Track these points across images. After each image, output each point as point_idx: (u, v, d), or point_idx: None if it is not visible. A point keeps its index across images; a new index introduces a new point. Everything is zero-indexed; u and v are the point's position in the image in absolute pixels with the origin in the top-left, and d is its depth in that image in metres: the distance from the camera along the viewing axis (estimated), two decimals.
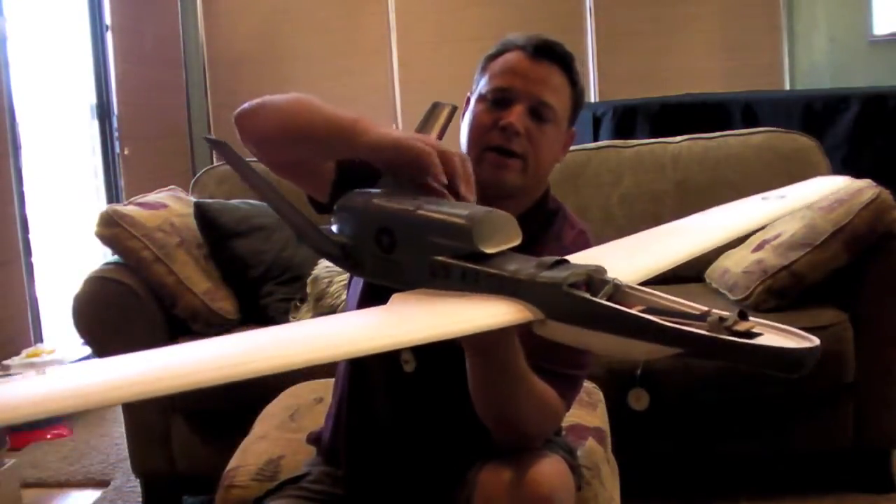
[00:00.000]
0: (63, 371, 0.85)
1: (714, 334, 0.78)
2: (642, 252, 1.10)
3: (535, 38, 1.31)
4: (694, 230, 1.21)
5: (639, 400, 0.87)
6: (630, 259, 1.03)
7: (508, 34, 1.35)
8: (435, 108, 1.29)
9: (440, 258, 0.98)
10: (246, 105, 1.20)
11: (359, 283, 1.36)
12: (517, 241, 0.99)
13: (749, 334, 0.78)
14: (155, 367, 0.78)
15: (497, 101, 1.29)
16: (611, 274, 0.91)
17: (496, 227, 0.98)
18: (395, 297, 0.98)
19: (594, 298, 0.86)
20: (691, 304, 0.85)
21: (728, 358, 0.79)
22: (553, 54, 1.31)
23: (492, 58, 1.34)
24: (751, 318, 0.79)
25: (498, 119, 1.27)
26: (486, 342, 1.05)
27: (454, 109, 1.31)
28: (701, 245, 1.14)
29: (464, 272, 0.96)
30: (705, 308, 0.83)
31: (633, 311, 0.83)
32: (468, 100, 1.35)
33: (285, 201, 1.16)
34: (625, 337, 0.84)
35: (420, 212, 1.02)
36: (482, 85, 1.32)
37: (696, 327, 0.80)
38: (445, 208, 1.01)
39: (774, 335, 0.78)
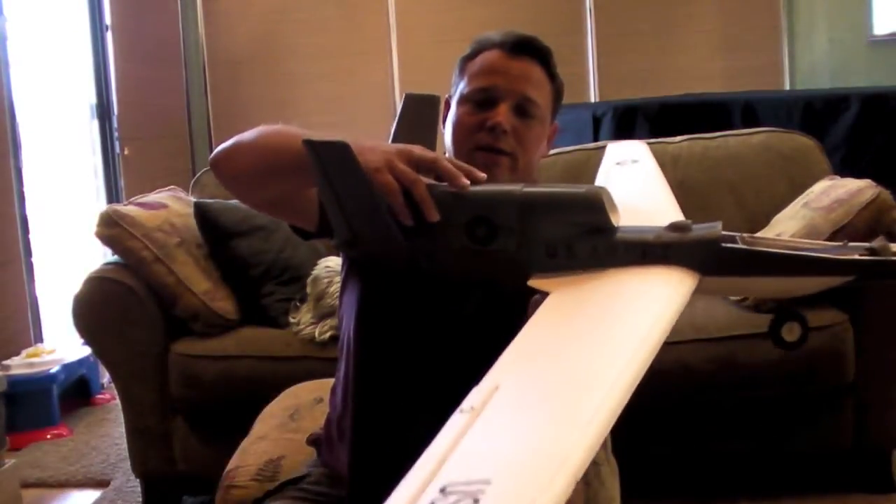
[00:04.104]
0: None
1: (887, 258, 0.86)
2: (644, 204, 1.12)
3: (511, 35, 1.30)
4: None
5: (791, 332, 0.93)
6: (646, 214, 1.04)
7: (483, 33, 1.33)
8: (407, 101, 1.24)
9: (566, 236, 0.92)
10: (219, 148, 1.17)
11: (354, 290, 1.30)
12: (619, 214, 0.96)
13: None
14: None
15: (480, 101, 1.27)
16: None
17: (610, 198, 0.95)
18: (552, 297, 0.89)
19: (759, 248, 0.89)
20: (812, 241, 0.92)
21: None
22: (531, 49, 1.30)
23: (469, 58, 1.32)
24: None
25: (484, 120, 1.25)
26: None
27: (432, 99, 1.27)
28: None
29: (594, 247, 0.91)
30: (837, 242, 0.90)
31: (805, 253, 0.88)
32: (447, 103, 1.33)
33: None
34: (795, 276, 0.88)
35: (527, 189, 0.95)
36: (462, 87, 1.30)
37: (860, 255, 0.87)
38: (548, 189, 0.96)
39: None
